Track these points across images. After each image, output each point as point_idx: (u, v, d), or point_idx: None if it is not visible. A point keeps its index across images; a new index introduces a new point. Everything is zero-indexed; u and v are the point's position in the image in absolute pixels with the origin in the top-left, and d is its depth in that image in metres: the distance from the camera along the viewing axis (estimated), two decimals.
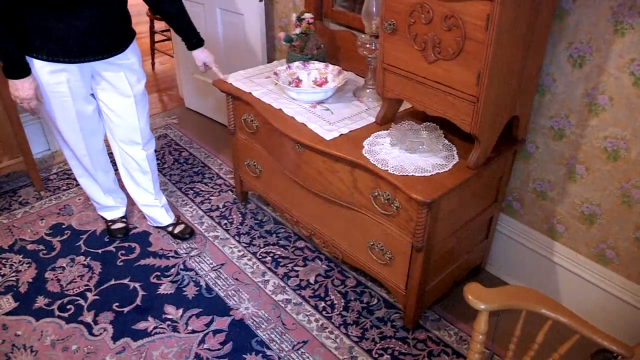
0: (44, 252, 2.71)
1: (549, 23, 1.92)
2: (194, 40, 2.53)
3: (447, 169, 1.94)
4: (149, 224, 2.90)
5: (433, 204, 1.84)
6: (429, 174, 1.90)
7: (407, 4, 1.84)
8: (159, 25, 4.86)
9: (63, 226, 2.89)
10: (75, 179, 3.29)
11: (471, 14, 1.67)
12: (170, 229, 2.84)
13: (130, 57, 2.39)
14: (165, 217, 2.84)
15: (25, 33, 2.10)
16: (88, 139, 2.46)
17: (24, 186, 3.23)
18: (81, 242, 2.78)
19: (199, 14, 3.52)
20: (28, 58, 2.14)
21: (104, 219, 2.88)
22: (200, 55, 2.58)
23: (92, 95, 2.42)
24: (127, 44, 2.36)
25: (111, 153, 2.71)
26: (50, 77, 2.20)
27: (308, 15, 2.57)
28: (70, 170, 3.36)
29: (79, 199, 3.11)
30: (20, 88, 2.14)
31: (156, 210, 2.82)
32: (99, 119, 2.50)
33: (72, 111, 2.32)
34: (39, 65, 2.16)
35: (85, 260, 2.65)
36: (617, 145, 1.98)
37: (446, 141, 2.09)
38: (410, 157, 1.99)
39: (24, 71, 2.13)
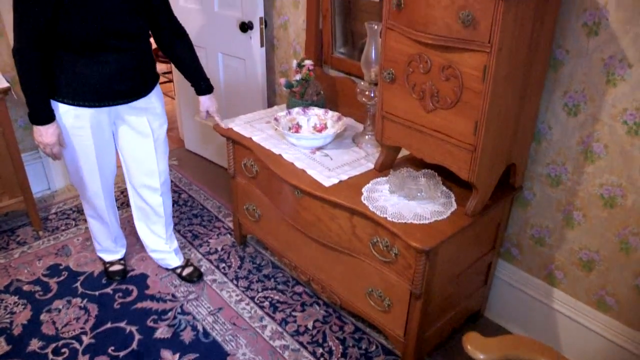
0: (40, 293, 2.69)
1: (544, 73, 1.97)
2: (203, 85, 2.56)
3: (445, 217, 1.95)
4: (158, 265, 2.90)
5: (431, 252, 1.84)
6: (427, 222, 1.91)
7: (405, 54, 1.88)
8: (161, 67, 4.94)
9: (60, 267, 2.88)
10: (74, 219, 3.30)
11: (468, 65, 1.71)
12: (178, 271, 2.83)
13: (154, 101, 2.43)
14: (174, 260, 2.84)
15: (53, 78, 2.15)
16: (104, 180, 2.49)
17: (22, 225, 3.23)
18: (78, 283, 2.77)
19: (200, 57, 3.50)
20: (53, 102, 2.19)
21: (102, 260, 2.87)
22: (207, 102, 2.60)
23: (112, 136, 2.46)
24: (152, 87, 2.41)
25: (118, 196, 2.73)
26: (75, 121, 2.24)
27: (308, 62, 2.62)
28: (70, 210, 3.39)
29: (78, 240, 3.10)
30: (44, 134, 2.18)
31: (165, 254, 2.82)
32: (115, 161, 2.53)
33: (92, 154, 2.35)
34: (63, 110, 2.21)
35: (81, 303, 2.63)
36: (613, 193, 2.00)
37: (444, 188, 2.11)
38: (409, 204, 2.00)
39: (49, 117, 2.17)
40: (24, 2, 1.98)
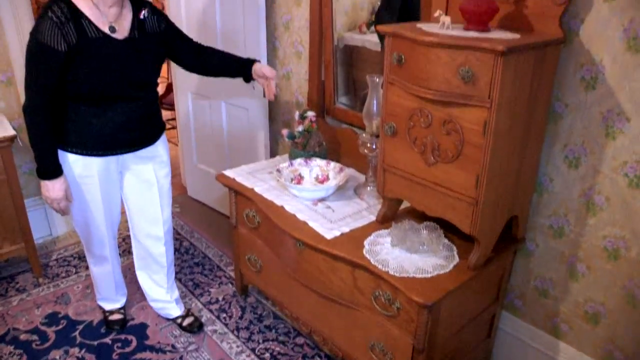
0: (37, 342, 2.65)
1: (544, 126, 1.99)
2: (244, 60, 2.52)
3: (447, 270, 1.94)
4: (159, 314, 2.87)
5: (434, 307, 1.82)
6: (429, 275, 1.90)
7: (406, 108, 1.91)
8: (165, 114, 4.99)
9: (59, 315, 2.85)
10: (75, 266, 3.28)
11: (469, 120, 1.73)
12: (179, 321, 2.80)
13: (160, 150, 2.46)
14: (175, 310, 2.81)
15: (61, 128, 2.18)
16: (109, 228, 2.49)
17: (22, 272, 3.21)
18: (77, 332, 2.73)
19: (204, 107, 3.65)
20: (62, 152, 2.21)
21: (102, 308, 2.84)
22: (260, 69, 2.49)
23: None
24: (158, 136, 2.44)
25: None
26: (83, 170, 2.26)
27: (311, 114, 2.66)
28: (71, 256, 3.37)
29: (78, 287, 3.08)
30: (51, 189, 2.19)
31: (166, 304, 2.80)
32: (120, 209, 2.53)
33: (99, 203, 2.37)
34: (72, 159, 2.23)
35: (79, 353, 2.59)
36: (616, 245, 1.99)
37: (446, 241, 2.10)
38: (410, 257, 1.99)
39: (57, 172, 2.19)
40: (35, 62, 2.03)
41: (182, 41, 2.44)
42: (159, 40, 2.30)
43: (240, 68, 2.52)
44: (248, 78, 2.54)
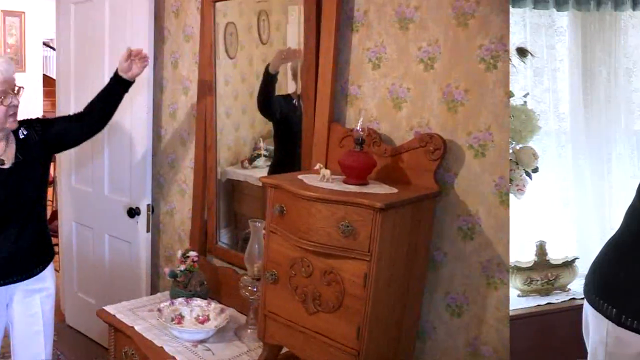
0: None
1: (424, 274, 2.02)
2: (110, 79, 2.38)
3: None
4: None
5: None
6: None
7: (288, 257, 1.89)
8: None
9: None
10: None
11: (349, 272, 1.73)
12: None
13: (48, 281, 2.37)
14: None
15: None
16: None
17: None
18: None
19: (87, 237, 3.57)
20: None
21: None
22: (121, 64, 2.35)
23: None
24: (46, 265, 2.35)
25: None
26: None
27: (193, 254, 2.62)
28: None
29: None
30: None
31: None
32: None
33: None
34: None
35: None
36: None
37: None
38: None
39: None
40: None
41: (63, 122, 2.40)
42: (42, 145, 2.25)
43: (113, 85, 2.37)
44: (127, 83, 2.38)
